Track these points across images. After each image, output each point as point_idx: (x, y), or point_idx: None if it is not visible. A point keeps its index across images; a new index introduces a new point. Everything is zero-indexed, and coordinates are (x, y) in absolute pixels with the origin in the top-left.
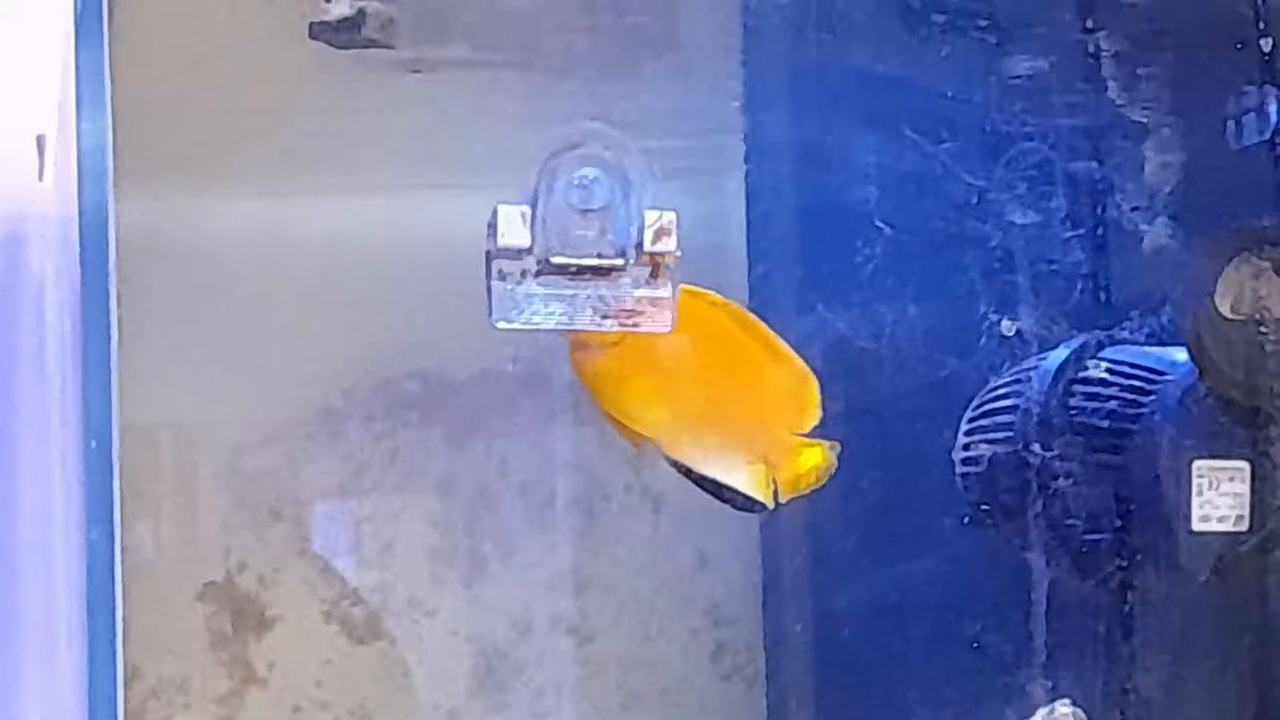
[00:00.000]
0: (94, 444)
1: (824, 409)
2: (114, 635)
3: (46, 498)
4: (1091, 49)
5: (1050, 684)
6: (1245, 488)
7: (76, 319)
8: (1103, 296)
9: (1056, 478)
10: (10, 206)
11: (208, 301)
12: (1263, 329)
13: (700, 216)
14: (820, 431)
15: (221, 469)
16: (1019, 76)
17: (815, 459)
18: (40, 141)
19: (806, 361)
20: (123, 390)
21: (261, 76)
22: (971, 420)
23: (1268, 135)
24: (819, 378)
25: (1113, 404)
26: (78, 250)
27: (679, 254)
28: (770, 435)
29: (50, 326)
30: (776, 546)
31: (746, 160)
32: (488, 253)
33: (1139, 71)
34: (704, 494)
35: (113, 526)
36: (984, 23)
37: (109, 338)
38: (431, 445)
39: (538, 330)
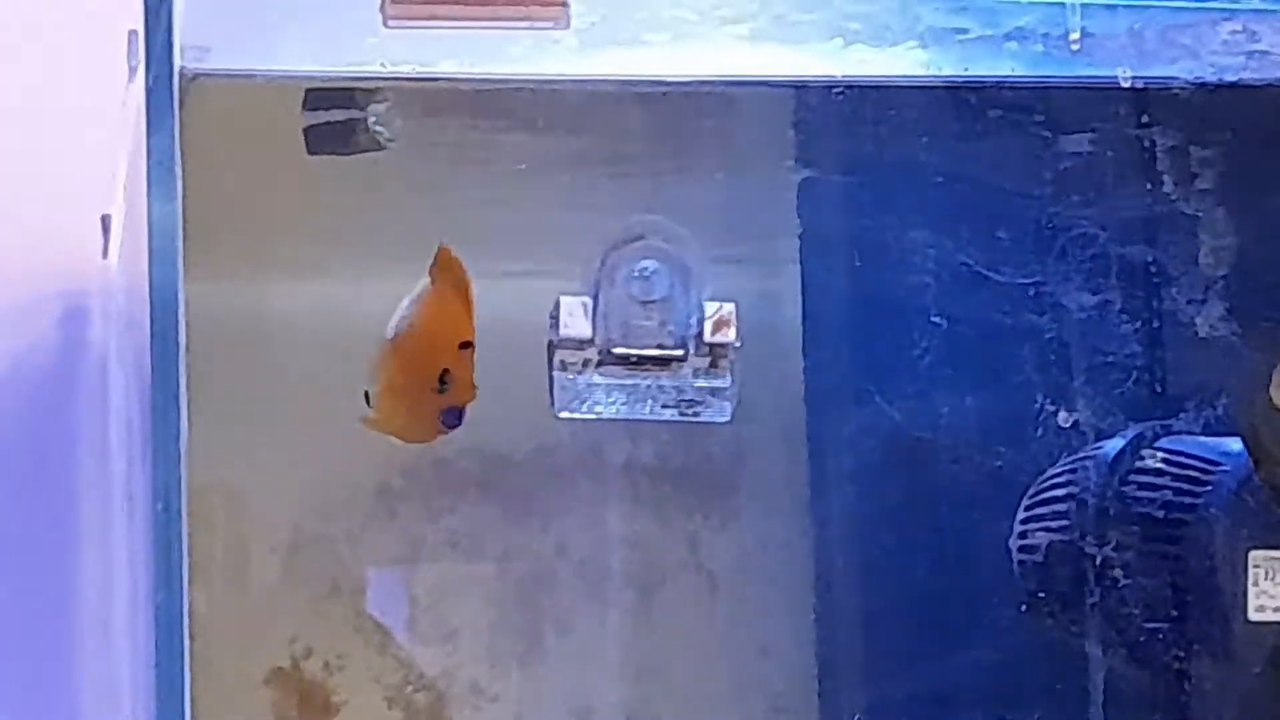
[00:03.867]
0: (161, 510)
1: (883, 498)
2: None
3: (112, 581)
4: (1146, 141)
5: None
6: None
7: (144, 396)
8: (1158, 387)
9: (1112, 567)
10: (74, 283)
11: (267, 382)
12: None
13: (756, 306)
14: (881, 521)
15: (281, 547)
16: (1073, 169)
17: None
18: (105, 221)
19: (865, 450)
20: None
21: (325, 163)
22: (1028, 509)
23: None
24: (876, 466)
25: (1168, 494)
26: (147, 327)
27: (739, 344)
28: None
29: (113, 402)
30: (833, 635)
31: (801, 251)
32: (550, 343)
33: (1193, 162)
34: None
35: (181, 604)
36: (1038, 117)
37: (179, 410)
38: (489, 523)
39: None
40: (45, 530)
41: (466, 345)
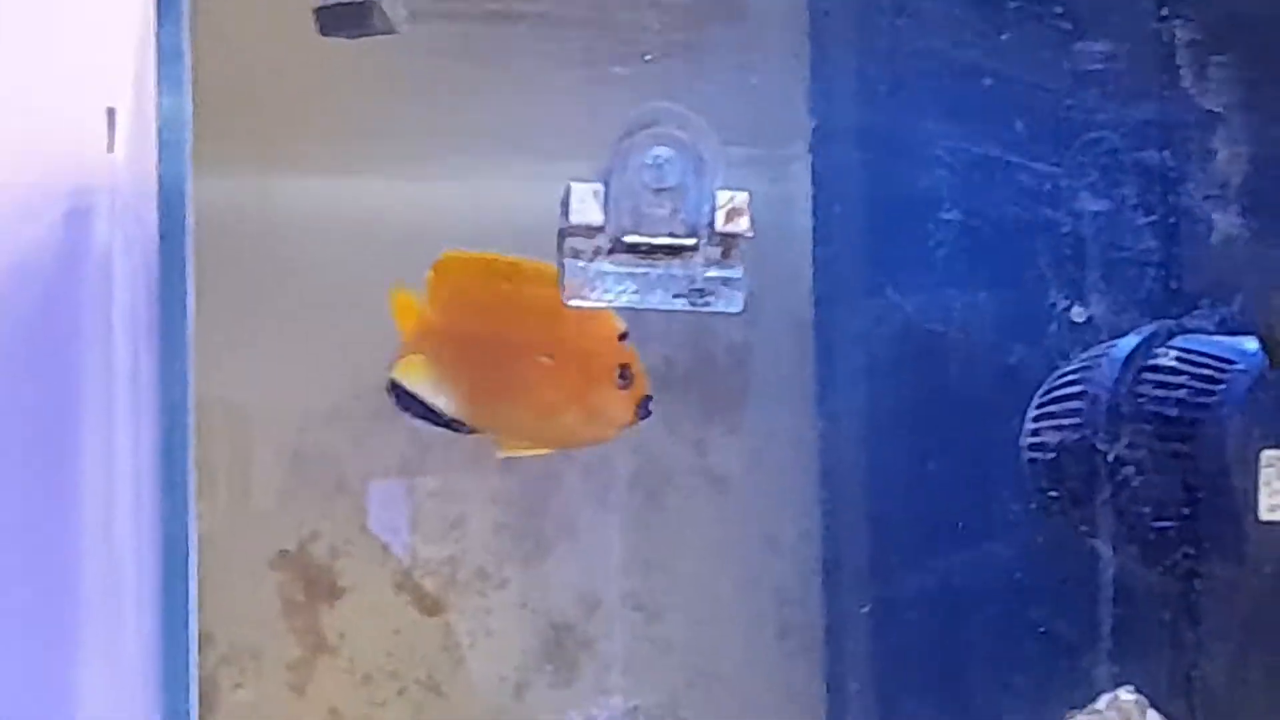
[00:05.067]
0: (168, 412)
1: (892, 395)
2: (187, 602)
3: (113, 469)
4: (1165, 37)
5: (1114, 670)
6: None
7: (151, 291)
8: (1173, 284)
9: (1125, 465)
10: (77, 178)
11: (276, 277)
12: None
13: (767, 199)
14: (889, 417)
15: (287, 444)
16: (1092, 64)
17: None
18: (111, 114)
19: (874, 346)
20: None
21: (336, 57)
22: (1040, 407)
23: None
24: (886, 362)
25: (1182, 392)
26: (155, 223)
27: (751, 234)
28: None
29: (118, 298)
30: (841, 528)
31: (813, 143)
32: (560, 230)
33: (1212, 60)
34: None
35: (186, 497)
36: (1058, 8)
37: (185, 312)
38: None
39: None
40: (48, 427)
41: (624, 336)
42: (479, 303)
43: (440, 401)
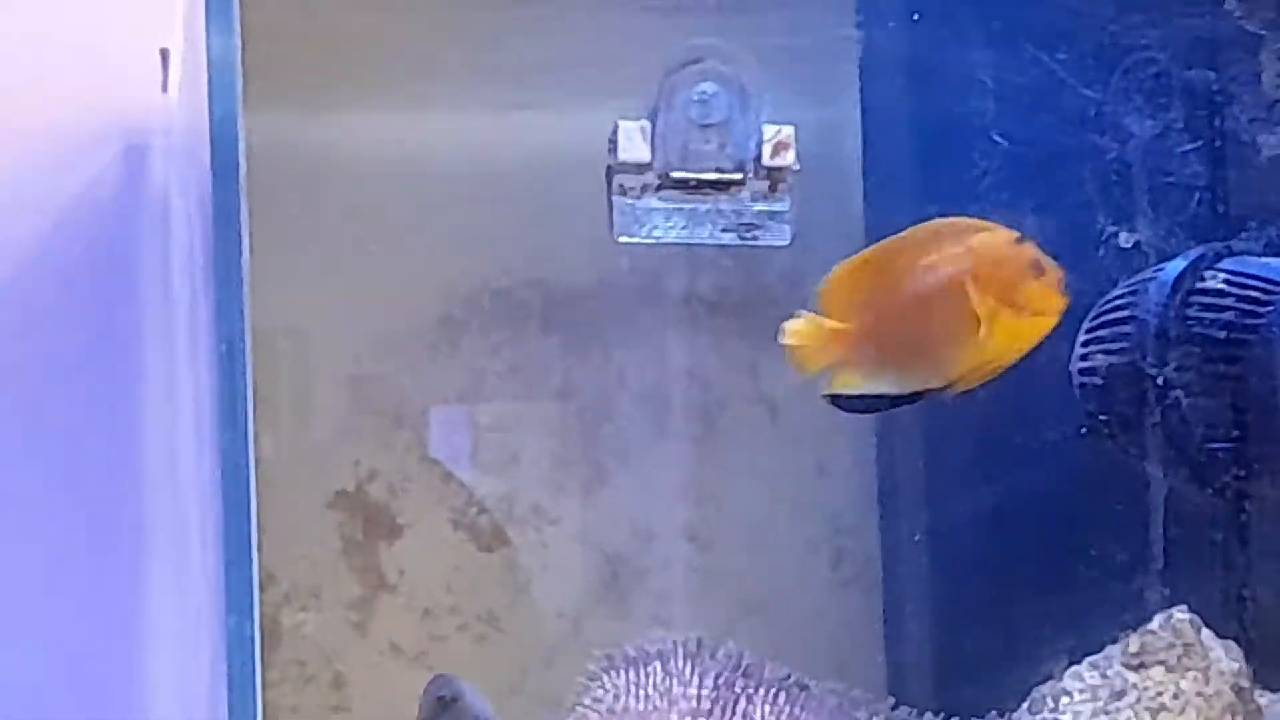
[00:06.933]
0: (225, 349)
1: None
2: (249, 541)
3: (174, 406)
4: None
5: (1166, 591)
6: None
7: (207, 228)
8: (1220, 207)
9: (1173, 389)
10: (133, 118)
11: (331, 213)
12: None
13: (817, 127)
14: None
15: (344, 378)
16: None
17: None
18: (164, 55)
19: None
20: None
21: None
22: (1089, 331)
23: None
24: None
25: (1230, 314)
26: (208, 162)
27: (798, 168)
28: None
29: (175, 235)
30: (894, 455)
31: (861, 72)
32: (609, 168)
33: None
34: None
35: (246, 433)
36: None
37: (241, 249)
38: (550, 355)
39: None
40: (109, 364)
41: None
42: (875, 287)
43: (884, 387)
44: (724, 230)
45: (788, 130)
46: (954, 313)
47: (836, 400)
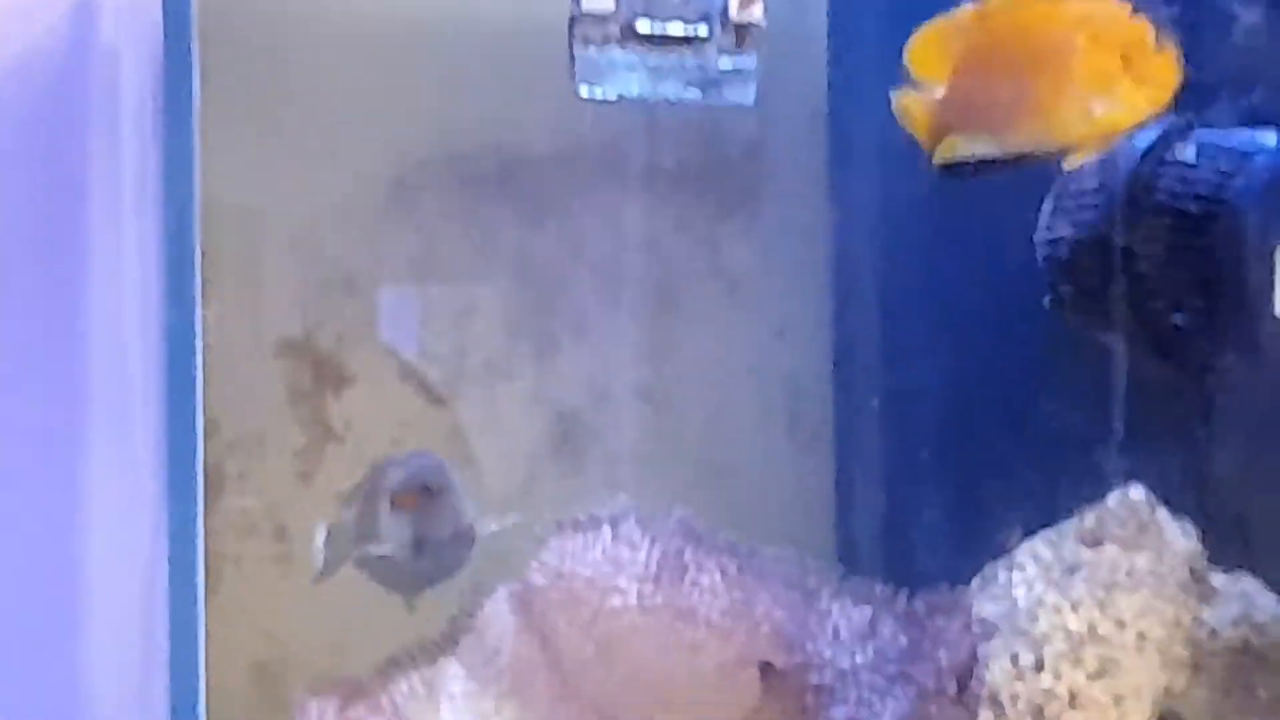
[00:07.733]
0: (174, 213)
1: (905, 184)
2: (193, 390)
3: (120, 264)
4: None
5: (1124, 466)
6: None
7: (157, 89)
8: (1191, 77)
9: (1140, 259)
10: None
11: (283, 76)
12: None
13: None
14: (902, 207)
15: (296, 242)
16: None
17: None
18: None
19: (889, 138)
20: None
21: None
22: (1055, 201)
23: None
24: (899, 154)
25: (1200, 186)
26: (159, 19)
27: (764, 24)
28: None
29: (124, 95)
30: (852, 320)
31: None
32: (571, 17)
33: None
34: None
35: (192, 289)
36: None
37: (191, 110)
38: (505, 222)
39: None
40: (55, 222)
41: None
42: (972, 45)
43: (983, 149)
44: (688, 85)
45: None
46: (1062, 74)
47: (946, 169)
